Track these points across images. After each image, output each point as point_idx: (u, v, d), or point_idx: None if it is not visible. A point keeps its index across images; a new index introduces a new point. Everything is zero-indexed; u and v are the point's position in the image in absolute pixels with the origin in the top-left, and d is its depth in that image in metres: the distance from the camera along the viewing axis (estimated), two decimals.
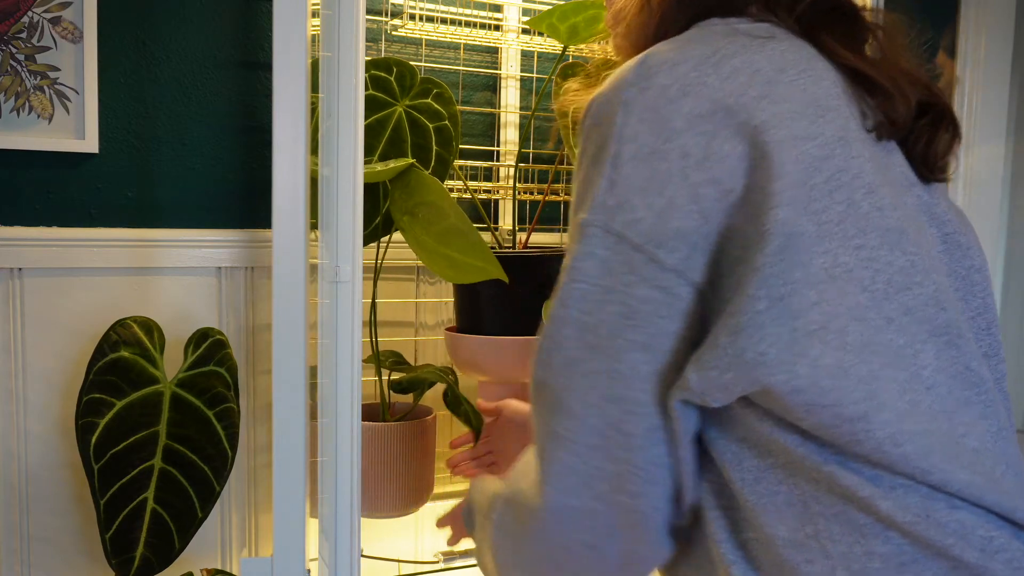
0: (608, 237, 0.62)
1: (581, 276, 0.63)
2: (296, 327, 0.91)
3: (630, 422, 0.62)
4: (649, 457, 0.63)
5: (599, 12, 1.12)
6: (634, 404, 0.62)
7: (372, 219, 1.22)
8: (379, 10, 1.38)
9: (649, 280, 0.61)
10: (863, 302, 0.58)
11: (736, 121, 0.60)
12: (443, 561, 1.29)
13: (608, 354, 0.62)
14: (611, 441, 0.63)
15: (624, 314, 0.62)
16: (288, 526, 0.92)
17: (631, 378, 0.62)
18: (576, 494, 0.64)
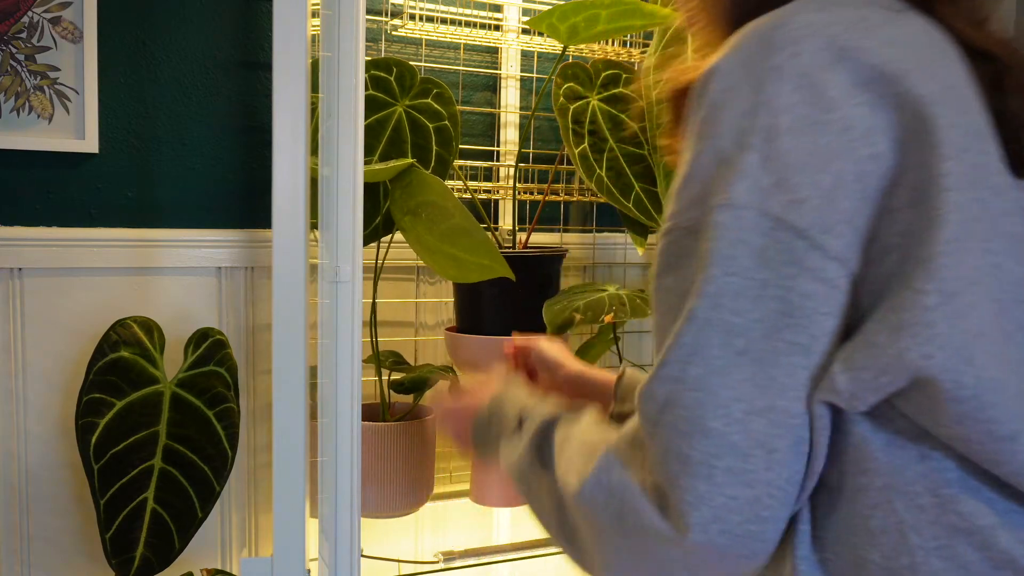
0: (764, 221, 0.54)
1: (733, 268, 0.55)
2: (296, 327, 0.91)
3: (778, 436, 0.55)
4: (788, 475, 0.56)
5: (599, 12, 1.12)
6: (785, 415, 0.55)
7: (372, 219, 1.22)
8: (379, 10, 1.38)
9: (812, 271, 0.54)
10: (994, 311, 0.54)
11: (896, 91, 0.54)
12: (443, 561, 1.28)
13: (761, 360, 0.55)
14: (752, 462, 0.55)
15: (783, 311, 0.54)
16: (288, 526, 0.92)
17: (786, 386, 0.55)
18: (703, 529, 0.55)
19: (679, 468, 0.56)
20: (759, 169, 0.55)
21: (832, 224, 0.54)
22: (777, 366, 0.55)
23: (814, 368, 0.55)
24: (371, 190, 1.19)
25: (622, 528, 0.61)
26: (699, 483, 0.55)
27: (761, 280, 0.54)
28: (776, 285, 0.54)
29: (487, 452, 0.85)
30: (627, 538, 0.61)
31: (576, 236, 1.61)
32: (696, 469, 0.55)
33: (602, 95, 1.38)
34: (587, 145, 1.34)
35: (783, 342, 0.54)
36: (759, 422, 0.55)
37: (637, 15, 1.13)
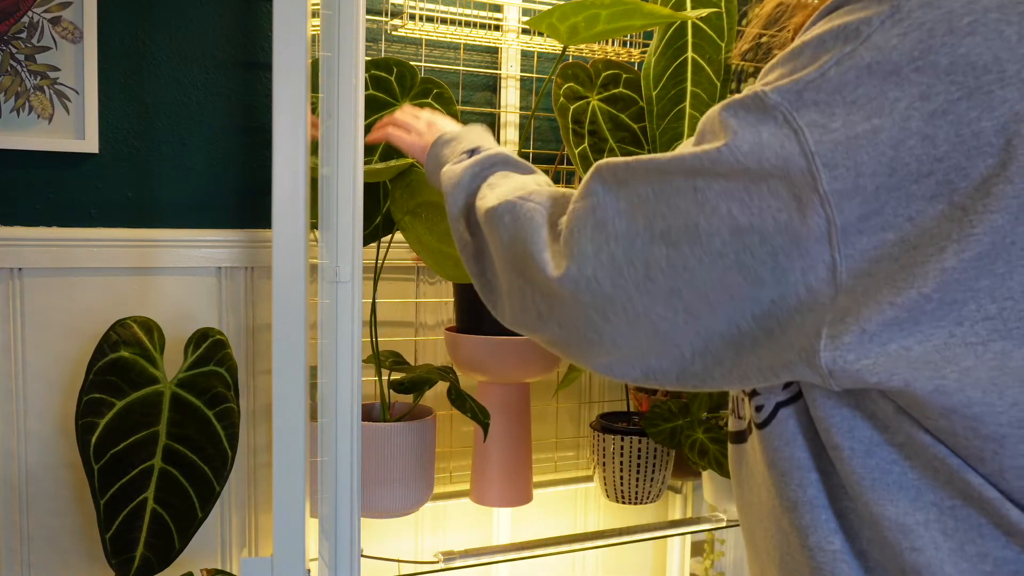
0: (784, 127, 0.54)
1: (732, 143, 0.56)
2: (296, 327, 0.91)
3: (662, 272, 0.59)
4: (646, 307, 0.61)
5: (599, 12, 1.12)
6: (682, 264, 0.59)
7: (372, 219, 1.22)
8: (379, 10, 1.38)
9: (792, 184, 0.54)
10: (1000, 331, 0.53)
11: (1003, 94, 0.51)
12: (443, 561, 1.28)
13: (701, 204, 0.57)
14: (630, 270, 0.61)
15: (746, 189, 0.55)
16: (288, 526, 0.92)
17: (699, 241, 0.58)
18: (564, 281, 0.64)
19: (590, 227, 0.63)
20: (811, 82, 0.54)
21: (838, 164, 0.53)
22: (707, 219, 0.57)
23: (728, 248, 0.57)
24: (371, 190, 1.19)
25: (512, 249, 0.70)
26: (589, 246, 0.62)
27: (745, 166, 0.55)
28: (754, 173, 0.55)
29: (432, 159, 0.96)
30: (512, 259, 0.70)
31: None
32: (598, 236, 0.62)
33: (602, 95, 1.37)
34: (587, 145, 1.34)
35: (726, 208, 0.56)
36: (661, 249, 0.59)
37: (637, 15, 1.13)
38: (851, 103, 0.53)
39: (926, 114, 0.52)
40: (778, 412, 0.63)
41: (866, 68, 0.53)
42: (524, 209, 0.71)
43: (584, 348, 0.67)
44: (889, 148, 0.52)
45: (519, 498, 1.34)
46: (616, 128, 1.37)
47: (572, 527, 1.63)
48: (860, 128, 0.53)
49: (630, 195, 0.61)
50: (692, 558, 1.73)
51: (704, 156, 0.57)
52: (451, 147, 0.94)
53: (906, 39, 0.52)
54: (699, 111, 1.31)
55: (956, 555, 0.55)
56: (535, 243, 0.68)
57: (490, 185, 0.80)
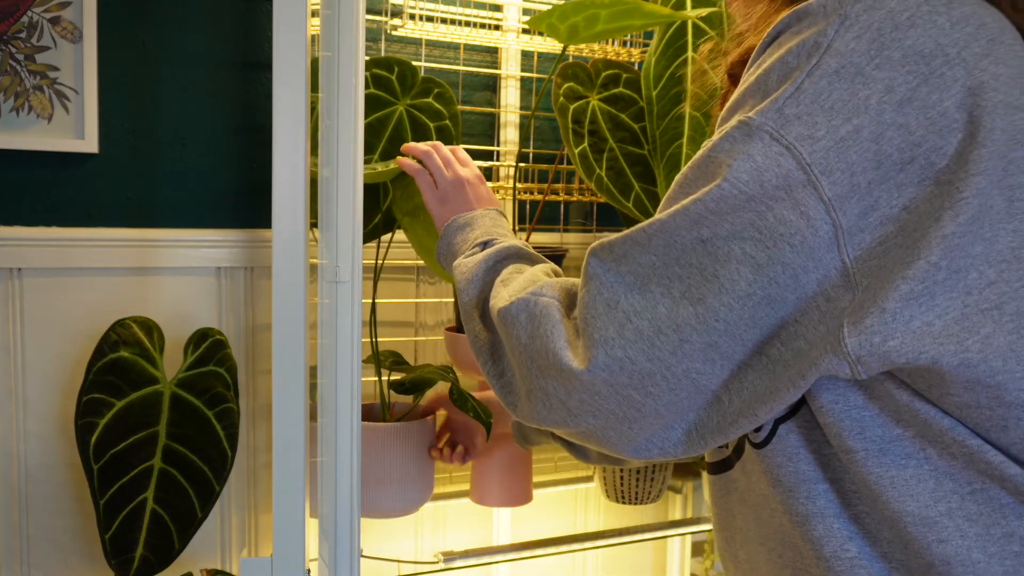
0: (774, 146, 0.56)
1: (731, 176, 0.57)
2: (296, 327, 0.91)
3: (695, 330, 0.59)
4: (687, 369, 0.60)
5: (599, 12, 1.12)
6: (711, 314, 0.58)
7: (372, 217, 1.22)
8: (379, 10, 1.38)
9: (798, 203, 0.56)
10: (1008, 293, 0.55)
11: (953, 74, 0.56)
12: (443, 561, 1.28)
13: (714, 255, 0.58)
14: (662, 340, 0.59)
15: (754, 225, 0.57)
16: (288, 526, 0.92)
17: (725, 290, 0.58)
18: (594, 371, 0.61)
19: (603, 310, 0.62)
20: (789, 99, 0.57)
21: (833, 170, 0.55)
22: (725, 266, 0.58)
23: (759, 290, 0.58)
24: (371, 188, 1.19)
25: (532, 349, 0.68)
26: (611, 328, 0.61)
27: (748, 194, 0.57)
28: (760, 202, 0.57)
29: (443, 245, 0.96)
30: (532, 358, 0.68)
31: (576, 236, 1.61)
32: (616, 316, 0.61)
33: (602, 95, 1.37)
34: (587, 145, 1.34)
35: (740, 249, 0.57)
36: (688, 309, 0.59)
37: (637, 15, 1.13)
38: (829, 109, 0.56)
39: (894, 104, 0.55)
40: (778, 429, 0.64)
41: (835, 74, 0.56)
42: (539, 306, 0.69)
43: (623, 430, 0.65)
44: (872, 143, 0.55)
45: (519, 498, 1.34)
46: (616, 128, 1.37)
47: (572, 527, 1.63)
48: (843, 130, 0.56)
49: (634, 268, 0.61)
50: (692, 558, 1.73)
51: (705, 200, 0.58)
52: (464, 235, 0.93)
53: (861, 41, 0.56)
54: (699, 111, 1.31)
55: (983, 539, 0.56)
56: (555, 339, 0.66)
57: (503, 281, 0.78)
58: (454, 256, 0.92)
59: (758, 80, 0.60)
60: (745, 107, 0.60)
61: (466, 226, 0.94)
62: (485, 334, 0.78)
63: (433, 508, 1.50)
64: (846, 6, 0.58)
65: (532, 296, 0.70)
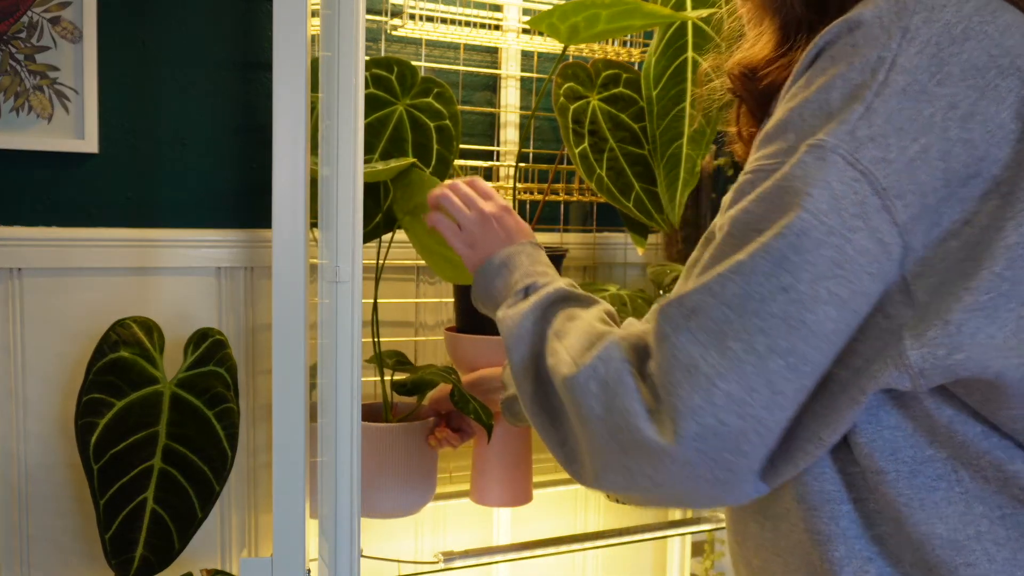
0: (850, 170, 0.55)
1: (810, 207, 0.55)
2: (296, 327, 0.91)
3: (787, 381, 0.56)
4: (780, 419, 0.57)
5: (599, 12, 1.12)
6: (802, 361, 0.55)
7: (372, 217, 1.22)
8: (379, 10, 1.38)
9: (874, 230, 0.55)
10: None
11: (1007, 84, 0.56)
12: (443, 561, 1.28)
13: (800, 301, 0.55)
14: (754, 397, 0.55)
15: (836, 261, 0.55)
16: (288, 526, 0.92)
17: (813, 334, 0.55)
18: (685, 444, 0.57)
19: (683, 376, 0.57)
20: (860, 119, 0.55)
21: (906, 192, 0.55)
22: (812, 311, 0.55)
23: (844, 326, 0.56)
24: (372, 188, 1.19)
25: (609, 423, 0.62)
26: (696, 396, 0.56)
27: (828, 226, 0.54)
28: (839, 234, 0.54)
29: (480, 292, 0.89)
30: (611, 433, 0.62)
31: (576, 236, 1.61)
32: (699, 381, 0.56)
33: (602, 95, 1.37)
34: (587, 145, 1.34)
35: (825, 290, 0.55)
36: (777, 362, 0.55)
37: (637, 15, 1.13)
38: (899, 129, 0.55)
39: (958, 120, 0.55)
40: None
41: (902, 92, 0.55)
42: (611, 372, 0.63)
43: (716, 491, 0.61)
44: (940, 161, 0.55)
45: (519, 498, 1.34)
46: (616, 128, 1.37)
47: (572, 527, 1.63)
48: (912, 151, 0.55)
49: (706, 324, 0.57)
50: (692, 558, 1.73)
51: (786, 235, 0.55)
52: (503, 279, 0.86)
53: (923, 56, 0.56)
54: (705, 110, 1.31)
55: (1010, 564, 0.56)
56: (635, 413, 0.60)
57: (557, 334, 0.72)
58: (495, 304, 0.85)
59: (817, 98, 0.58)
60: (804, 127, 0.58)
61: (502, 267, 0.87)
62: (541, 396, 0.72)
63: (433, 508, 1.50)
64: (905, 18, 0.57)
65: (600, 361, 0.64)
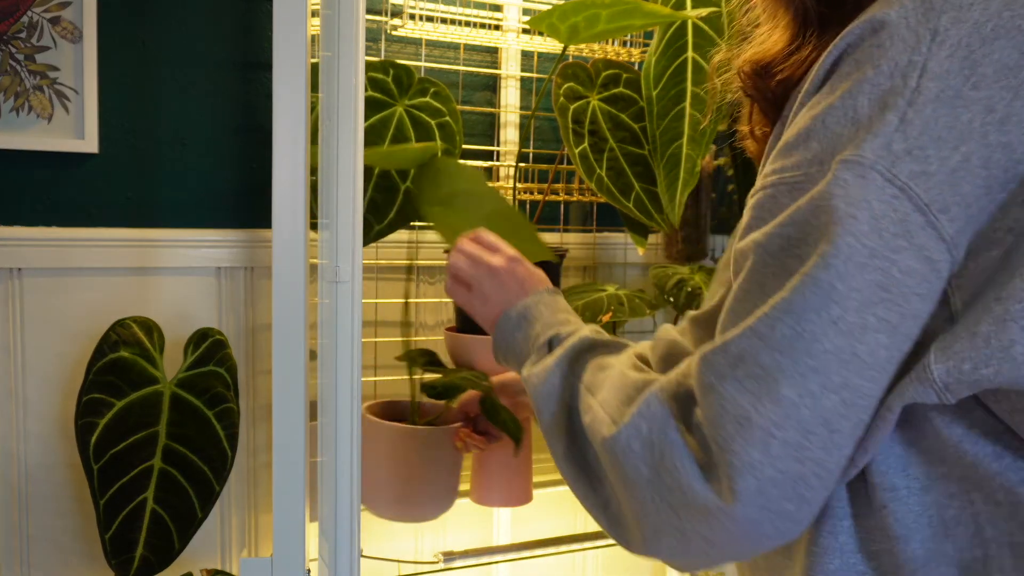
0: (889, 188, 0.51)
1: (852, 229, 0.51)
2: (296, 327, 0.90)
3: (844, 417, 0.52)
4: (839, 458, 0.53)
5: (599, 12, 1.12)
6: (857, 395, 0.52)
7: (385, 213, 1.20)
8: (379, 10, 1.38)
9: (920, 248, 0.52)
10: None
11: None
12: (443, 561, 1.28)
13: (850, 332, 0.52)
14: (812, 439, 0.52)
15: (881, 285, 0.51)
16: (288, 526, 0.92)
17: (866, 365, 0.52)
18: (745, 501, 0.53)
19: (735, 430, 0.53)
20: (896, 131, 0.52)
21: (950, 205, 0.52)
22: (863, 342, 0.52)
23: (896, 352, 0.53)
24: (384, 186, 1.19)
25: (658, 484, 0.58)
26: (754, 451, 0.53)
27: (870, 248, 0.51)
28: (882, 256, 0.51)
29: (502, 351, 0.84)
30: (662, 495, 0.58)
31: (576, 236, 1.61)
32: (755, 435, 0.53)
33: (602, 95, 1.37)
34: (587, 145, 1.34)
35: (874, 317, 0.52)
36: (832, 399, 0.52)
37: (637, 15, 1.13)
38: (937, 139, 0.52)
39: (996, 124, 0.52)
40: None
41: (936, 99, 0.52)
42: (654, 429, 0.59)
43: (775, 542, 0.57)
44: (982, 169, 0.52)
45: (519, 498, 1.33)
46: (616, 128, 1.37)
47: (572, 527, 1.63)
48: (954, 160, 0.52)
49: (754, 371, 0.53)
50: None
51: (831, 267, 0.52)
52: (523, 332, 0.82)
53: (954, 60, 0.53)
54: (699, 111, 1.31)
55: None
56: (686, 472, 0.56)
57: (589, 388, 0.69)
58: (518, 360, 0.81)
59: (842, 104, 0.55)
60: (829, 136, 0.54)
61: (521, 321, 0.82)
62: (578, 457, 0.68)
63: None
64: (933, 18, 0.53)
65: (641, 418, 0.60)
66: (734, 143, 0.78)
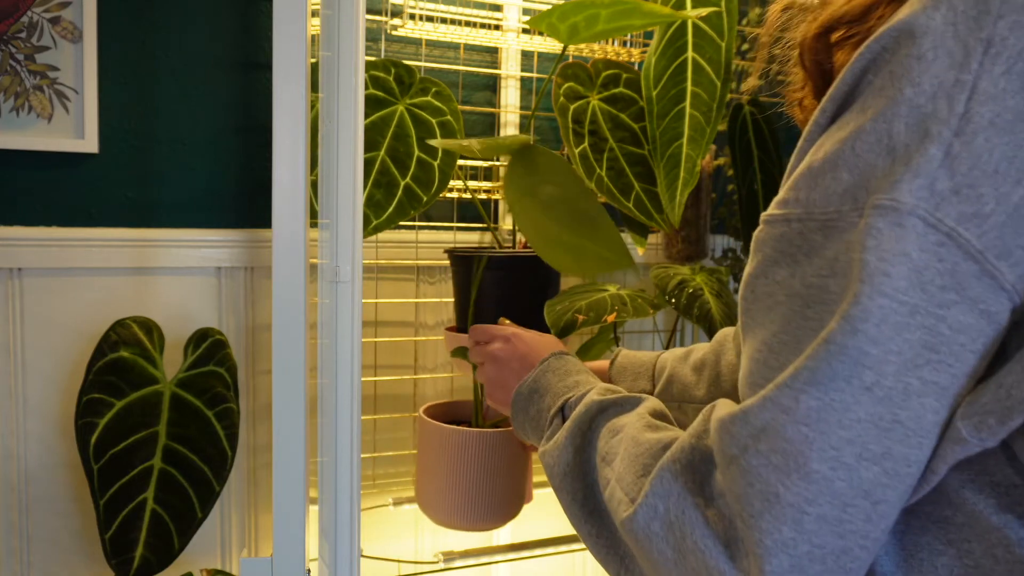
0: (932, 234, 0.45)
1: (886, 288, 0.45)
2: (296, 327, 0.90)
3: (888, 487, 0.47)
4: (886, 526, 0.49)
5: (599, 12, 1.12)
6: (902, 463, 0.47)
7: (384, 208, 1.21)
8: (379, 10, 1.38)
9: (974, 301, 0.45)
10: None
11: None
12: (443, 561, 1.28)
13: (889, 399, 0.46)
14: (852, 512, 0.47)
15: (928, 345, 0.45)
16: (288, 526, 0.92)
17: (911, 431, 0.46)
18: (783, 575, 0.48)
19: (763, 507, 0.48)
20: (939, 167, 0.45)
21: (1011, 249, 0.45)
22: (906, 407, 0.46)
23: (945, 414, 0.47)
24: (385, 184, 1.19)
25: (682, 565, 0.53)
26: (785, 528, 0.48)
27: (911, 305, 0.45)
28: (927, 313, 0.45)
29: (523, 430, 0.81)
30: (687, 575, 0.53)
31: None
32: (785, 512, 0.48)
33: (602, 95, 1.37)
34: (587, 145, 1.34)
35: (918, 380, 0.46)
36: (872, 470, 0.47)
37: (637, 15, 1.13)
38: (994, 173, 0.45)
39: None
40: None
41: (990, 126, 0.45)
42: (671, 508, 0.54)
43: None
44: None
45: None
46: (616, 128, 1.37)
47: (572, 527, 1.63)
48: (1016, 197, 0.45)
49: (781, 447, 0.48)
50: None
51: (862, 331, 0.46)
52: (536, 406, 0.78)
53: (1011, 77, 0.45)
54: (699, 111, 1.31)
55: None
56: (710, 552, 0.51)
57: (605, 459, 0.64)
58: (538, 435, 0.78)
59: (875, 128, 0.47)
60: (860, 166, 0.47)
61: (532, 395, 0.80)
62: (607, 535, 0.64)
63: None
64: (988, 25, 0.45)
65: (656, 498, 0.55)
66: (782, 108, 0.70)
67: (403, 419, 1.47)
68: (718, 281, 1.38)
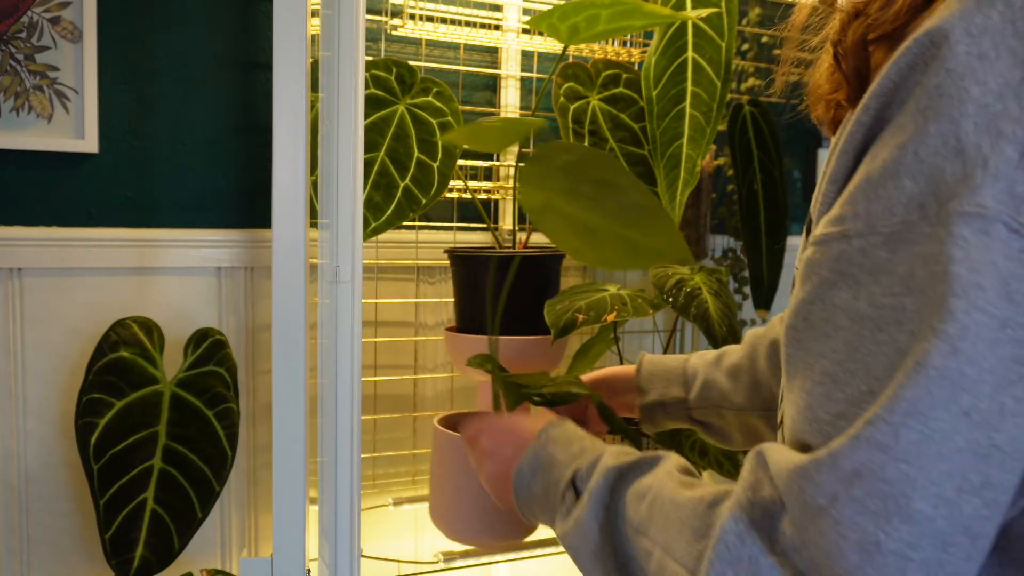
0: (1015, 240, 0.42)
1: (980, 301, 0.42)
2: (296, 327, 0.90)
3: (988, 519, 0.44)
4: (980, 562, 0.45)
5: (599, 12, 1.12)
6: (1000, 491, 0.44)
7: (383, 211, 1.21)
8: (379, 10, 1.38)
9: None
10: None
11: None
12: (443, 561, 1.28)
13: (985, 422, 0.43)
14: (953, 552, 0.44)
15: (1018, 359, 0.43)
16: (288, 526, 0.92)
17: (1007, 455, 0.43)
18: None
19: (862, 558, 0.44)
20: (1017, 168, 0.43)
21: None
22: (1001, 430, 0.43)
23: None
24: (383, 185, 1.19)
25: None
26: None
27: (1001, 319, 0.42)
28: (1017, 325, 0.42)
29: (532, 513, 0.74)
30: None
31: None
32: (887, 560, 0.44)
33: (602, 95, 1.38)
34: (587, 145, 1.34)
35: (1012, 399, 0.43)
36: (972, 502, 0.43)
37: (637, 15, 1.13)
38: None
39: None
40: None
41: None
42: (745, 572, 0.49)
43: None
44: None
45: None
46: (616, 128, 1.37)
47: None
48: None
49: (879, 489, 0.44)
50: None
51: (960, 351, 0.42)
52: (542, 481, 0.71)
53: None
54: (699, 111, 1.31)
55: None
56: None
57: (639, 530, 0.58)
58: (549, 514, 0.70)
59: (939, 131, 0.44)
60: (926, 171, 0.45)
61: (536, 470, 0.72)
62: None
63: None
64: None
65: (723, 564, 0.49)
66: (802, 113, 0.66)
67: (403, 419, 1.47)
68: (717, 281, 1.38)
